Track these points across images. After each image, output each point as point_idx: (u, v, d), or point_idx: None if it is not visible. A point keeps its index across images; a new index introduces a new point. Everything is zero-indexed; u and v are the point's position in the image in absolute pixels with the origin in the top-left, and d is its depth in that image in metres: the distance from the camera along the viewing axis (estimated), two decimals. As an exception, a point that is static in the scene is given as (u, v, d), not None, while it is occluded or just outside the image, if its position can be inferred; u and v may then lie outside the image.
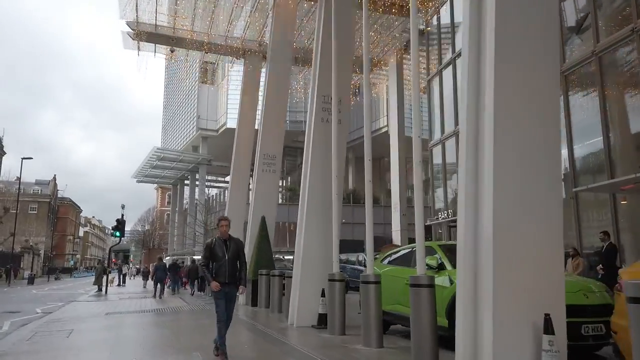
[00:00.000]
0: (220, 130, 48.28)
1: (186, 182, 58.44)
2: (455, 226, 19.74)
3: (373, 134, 48.83)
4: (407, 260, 7.62)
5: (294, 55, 17.47)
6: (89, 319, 11.32)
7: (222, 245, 5.91)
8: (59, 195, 78.04)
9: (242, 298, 14.15)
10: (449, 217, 18.86)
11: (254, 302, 12.99)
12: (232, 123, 46.17)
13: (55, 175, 77.25)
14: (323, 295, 8.53)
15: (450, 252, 6.67)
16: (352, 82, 25.24)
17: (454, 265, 6.32)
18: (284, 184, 53.14)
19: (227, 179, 63.37)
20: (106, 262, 36.61)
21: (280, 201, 47.65)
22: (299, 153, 49.47)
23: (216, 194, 52.13)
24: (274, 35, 14.82)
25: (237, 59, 20.34)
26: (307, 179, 9.21)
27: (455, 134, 20.50)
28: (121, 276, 31.52)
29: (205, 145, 50.49)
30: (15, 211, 42.10)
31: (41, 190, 72.68)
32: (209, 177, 58.42)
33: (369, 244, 6.83)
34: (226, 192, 50.67)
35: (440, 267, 6.40)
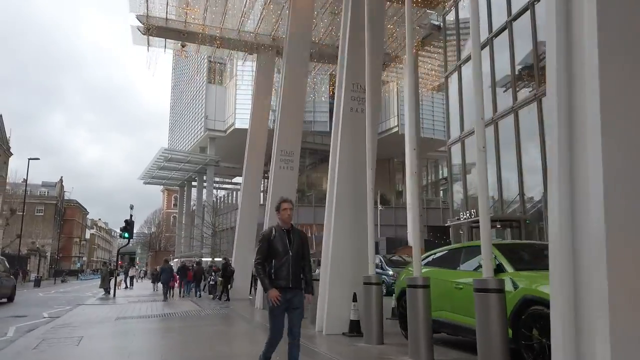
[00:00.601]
0: (229, 131, 47.69)
1: (193, 183, 57.92)
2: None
3: (383, 134, 48.35)
4: (451, 261, 6.89)
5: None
6: (98, 324, 10.65)
7: (283, 237, 4.38)
8: (65, 197, 77.80)
9: (257, 301, 13.48)
10: (471, 217, 18.05)
11: (272, 307, 12.26)
12: (240, 123, 45.57)
13: (62, 177, 76.89)
14: (355, 299, 7.82)
15: (509, 252, 5.93)
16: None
17: (515, 267, 5.59)
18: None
19: (235, 180, 62.81)
20: (113, 264, 36.08)
21: (288, 203, 46.85)
22: (307, 154, 48.76)
23: (224, 195, 51.57)
24: (291, 25, 14.14)
25: (250, 54, 19.69)
26: (335, 172, 8.50)
27: (495, 121, 19.72)
28: (128, 279, 30.95)
29: (213, 146, 49.93)
30: (21, 213, 41.64)
31: (48, 192, 72.43)
32: (217, 179, 57.85)
33: (415, 244, 6.08)
34: (234, 193, 50.21)
35: (499, 269, 5.65)
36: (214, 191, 52.70)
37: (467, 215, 18.30)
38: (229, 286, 17.99)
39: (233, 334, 8.89)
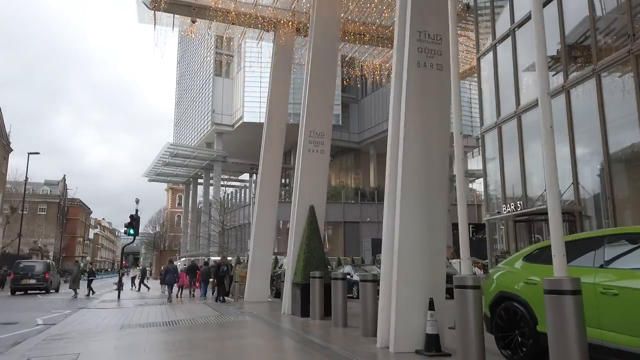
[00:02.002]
0: (237, 125, 45.94)
1: (199, 181, 56.19)
2: (527, 220, 16.99)
3: (395, 129, 46.44)
4: (584, 256, 4.99)
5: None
6: (100, 334, 8.85)
7: None
8: (68, 196, 76.25)
9: (284, 305, 11.67)
10: (516, 210, 16.15)
11: (304, 312, 10.44)
12: (249, 117, 43.84)
13: (64, 175, 75.29)
14: (432, 307, 5.99)
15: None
16: (379, 62, 22.80)
17: None
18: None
19: (242, 177, 61.00)
20: (116, 263, 34.27)
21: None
22: (318, 149, 46.89)
23: (232, 192, 49.79)
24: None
25: (268, 31, 17.86)
26: (400, 146, 6.64)
27: (518, 115, 17.86)
28: (129, 280, 29.20)
29: (220, 141, 48.19)
30: (23, 212, 39.97)
31: (50, 191, 70.92)
32: (223, 176, 56.10)
33: (556, 237, 4.19)
34: (243, 191, 48.41)
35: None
36: (221, 188, 50.95)
37: (512, 207, 16.40)
38: (226, 287, 17.31)
39: (271, 349, 7.05)
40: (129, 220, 19.27)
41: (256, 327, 9.40)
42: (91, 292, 22.24)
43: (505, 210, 16.94)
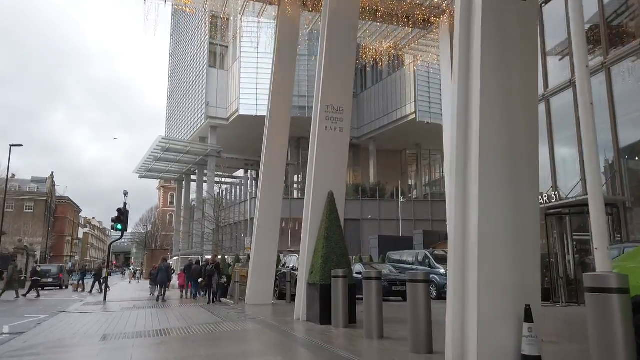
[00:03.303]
0: (232, 119, 44.06)
1: (193, 177, 54.21)
2: (558, 214, 15.31)
3: (395, 123, 44.74)
4: None
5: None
6: (74, 348, 7.08)
7: None
8: (57, 194, 73.82)
9: (298, 309, 9.93)
10: (550, 202, 14.52)
11: (324, 318, 8.70)
12: (245, 110, 41.99)
13: (52, 172, 72.83)
14: (528, 318, 4.31)
15: None
16: (388, 45, 21.04)
17: None
18: (298, 179, 48.97)
19: (237, 174, 59.13)
20: (105, 262, 32.36)
21: (296, 195, 43.42)
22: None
23: (226, 188, 47.94)
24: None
25: (271, 4, 16.11)
26: (475, 100, 4.95)
27: (546, 98, 16.25)
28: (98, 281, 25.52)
29: (214, 135, 46.27)
30: (8, 209, 37.88)
31: (38, 188, 68.49)
32: (217, 173, 54.21)
33: None
34: (237, 188, 46.57)
35: None
36: (215, 186, 49.05)
37: (545, 199, 14.76)
38: (214, 287, 15.95)
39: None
40: (117, 212, 17.44)
41: (268, 339, 7.64)
42: (33, 294, 20.52)
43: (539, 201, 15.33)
